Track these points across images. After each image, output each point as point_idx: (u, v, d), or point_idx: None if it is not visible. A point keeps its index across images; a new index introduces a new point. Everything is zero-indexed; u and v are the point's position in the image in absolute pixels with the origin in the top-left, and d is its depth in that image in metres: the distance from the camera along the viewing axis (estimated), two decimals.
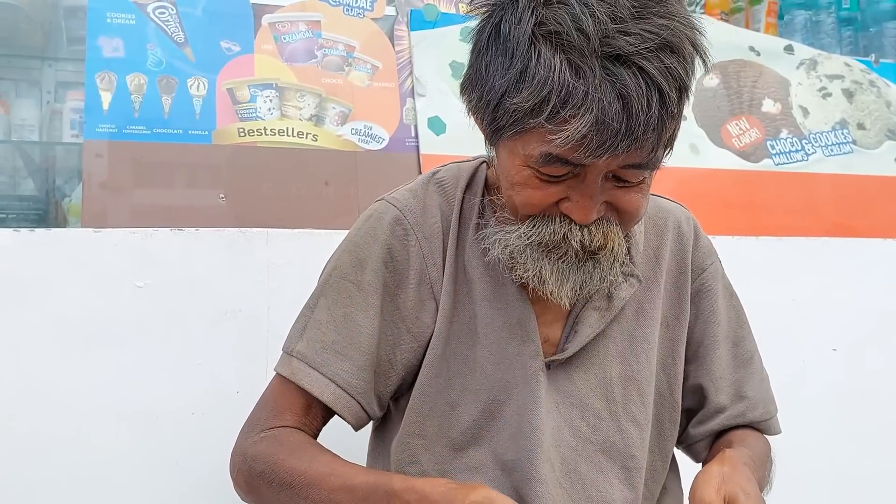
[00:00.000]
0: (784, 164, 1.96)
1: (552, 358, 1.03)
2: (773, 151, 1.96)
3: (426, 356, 1.05)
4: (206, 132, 1.63)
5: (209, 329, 1.45)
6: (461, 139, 1.29)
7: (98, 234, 1.41)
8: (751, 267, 1.76)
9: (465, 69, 0.96)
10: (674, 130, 0.89)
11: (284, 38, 1.72)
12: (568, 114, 0.82)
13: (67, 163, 1.98)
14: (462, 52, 1.81)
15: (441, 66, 1.81)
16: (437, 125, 1.76)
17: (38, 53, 2.11)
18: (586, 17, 0.82)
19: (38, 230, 1.39)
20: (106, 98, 1.59)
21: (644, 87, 0.80)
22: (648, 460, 1.08)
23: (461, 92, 0.97)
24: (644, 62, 0.81)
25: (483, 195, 1.06)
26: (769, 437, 1.15)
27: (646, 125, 0.81)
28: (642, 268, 1.08)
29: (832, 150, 2.00)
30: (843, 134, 2.02)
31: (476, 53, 0.94)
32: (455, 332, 1.05)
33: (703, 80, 1.98)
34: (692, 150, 1.91)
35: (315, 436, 1.07)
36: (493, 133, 0.93)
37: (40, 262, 1.38)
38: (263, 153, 1.65)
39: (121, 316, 1.41)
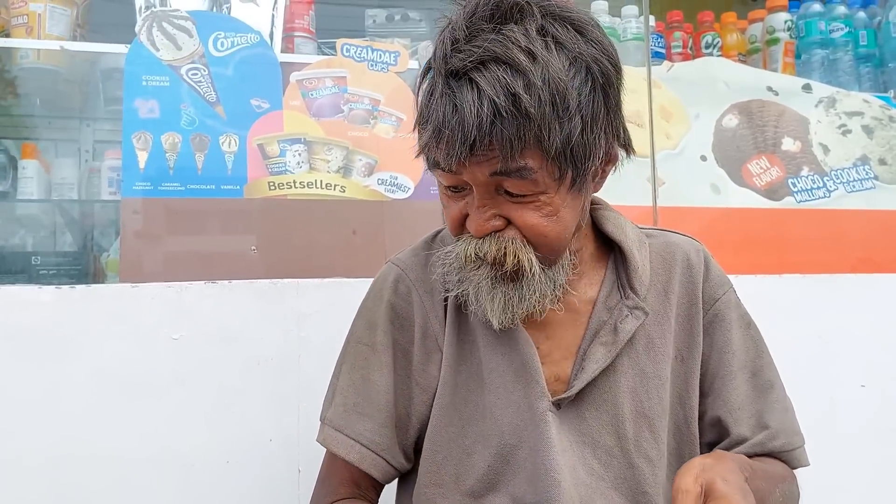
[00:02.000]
0: (806, 201, 1.98)
1: (560, 397, 1.05)
2: (795, 189, 1.98)
3: (434, 405, 1.09)
4: (238, 187, 1.69)
5: (242, 378, 1.49)
6: None
7: (135, 289, 1.47)
8: (776, 305, 1.77)
9: None
10: (543, 138, 0.91)
11: (312, 94, 1.79)
12: (422, 125, 0.96)
13: (105, 219, 2.05)
14: None
15: None
16: None
17: (76, 114, 2.20)
18: (441, 42, 0.95)
19: (78, 287, 1.45)
20: (142, 157, 1.66)
21: (475, 96, 0.89)
22: (672, 495, 1.08)
23: None
24: (474, 74, 0.90)
25: None
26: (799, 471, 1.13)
27: (479, 129, 0.89)
28: (651, 302, 1.09)
29: (854, 186, 2.01)
30: (864, 170, 2.03)
31: None
32: (463, 381, 1.09)
33: (722, 121, 2.01)
34: (713, 189, 1.93)
35: (374, 500, 1.14)
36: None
37: (81, 316, 1.44)
38: (293, 205, 1.71)
39: (157, 367, 1.45)
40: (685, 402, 1.10)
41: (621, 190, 1.91)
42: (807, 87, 2.08)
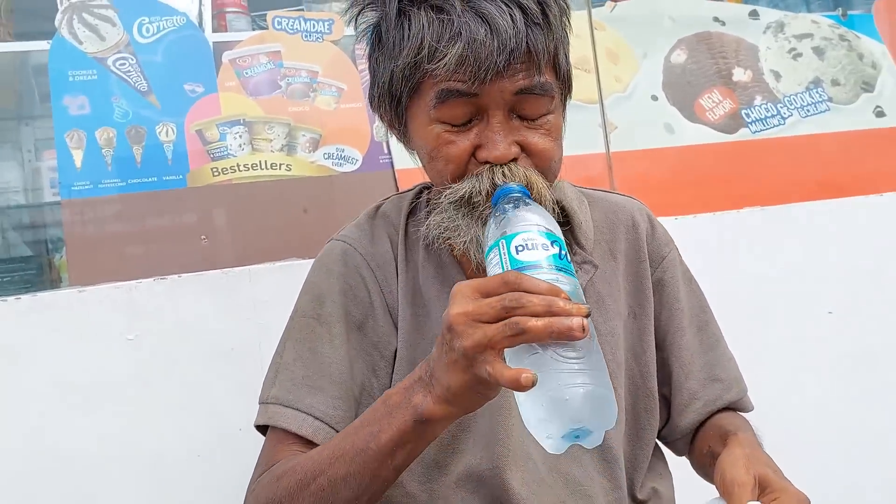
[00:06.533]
0: (761, 130, 1.96)
1: None
2: (749, 120, 1.96)
3: (392, 380, 1.05)
4: (181, 176, 1.65)
5: (204, 371, 1.47)
6: None
7: (83, 293, 1.44)
8: (737, 241, 1.76)
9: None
10: (558, 53, 0.94)
11: (247, 73, 1.73)
12: (443, 47, 0.90)
13: (54, 219, 2.00)
14: None
15: None
16: None
17: (13, 115, 2.14)
18: None
19: (24, 297, 1.42)
20: (77, 156, 1.61)
21: (503, 6, 0.89)
22: (628, 449, 1.09)
23: (373, 110, 1.04)
24: None
25: (427, 212, 1.06)
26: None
27: (515, 39, 0.88)
28: (597, 260, 1.08)
29: (808, 111, 1.99)
30: (818, 93, 2.01)
31: (369, 66, 1.01)
32: (420, 355, 1.05)
33: (670, 58, 1.97)
34: (667, 129, 1.91)
35: None
36: (397, 113, 0.99)
37: (32, 327, 1.41)
38: (239, 189, 1.67)
39: (116, 369, 1.43)
40: (639, 358, 1.10)
41: (573, 138, 1.89)
42: (753, 14, 2.04)
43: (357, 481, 0.87)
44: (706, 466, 1.06)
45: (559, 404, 0.73)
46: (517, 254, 0.80)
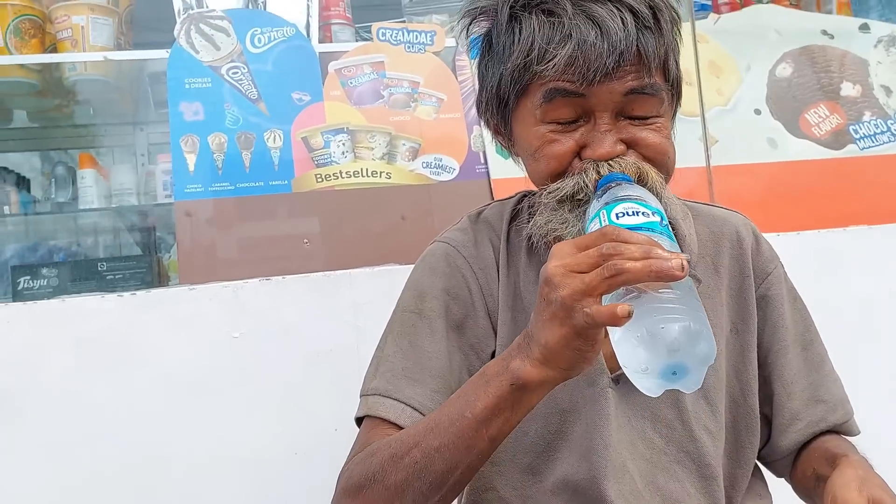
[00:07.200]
0: (870, 147, 1.89)
1: (618, 373, 1.02)
2: (857, 136, 1.90)
3: None
4: (286, 181, 1.71)
5: (304, 371, 1.52)
6: None
7: (193, 291, 1.50)
8: (843, 260, 1.71)
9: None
10: (668, 58, 0.95)
11: (351, 83, 1.79)
12: (552, 48, 0.91)
13: (164, 220, 2.11)
14: None
15: None
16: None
17: (129, 120, 2.26)
18: None
19: (139, 293, 1.49)
20: (191, 160, 1.69)
21: (614, 9, 0.91)
22: (727, 468, 1.06)
23: (479, 116, 1.06)
24: None
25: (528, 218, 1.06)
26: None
27: (626, 41, 0.90)
28: (701, 274, 1.07)
29: None
30: None
31: (478, 73, 1.04)
32: None
33: (775, 71, 1.93)
34: (770, 144, 1.87)
35: None
36: (503, 118, 1.01)
37: (144, 322, 1.48)
38: (341, 196, 1.72)
39: (221, 366, 1.49)
40: (741, 375, 1.08)
41: None
42: (864, 28, 1.98)
43: (451, 453, 0.86)
44: (811, 490, 1.04)
45: (655, 335, 0.72)
46: (617, 219, 0.80)
